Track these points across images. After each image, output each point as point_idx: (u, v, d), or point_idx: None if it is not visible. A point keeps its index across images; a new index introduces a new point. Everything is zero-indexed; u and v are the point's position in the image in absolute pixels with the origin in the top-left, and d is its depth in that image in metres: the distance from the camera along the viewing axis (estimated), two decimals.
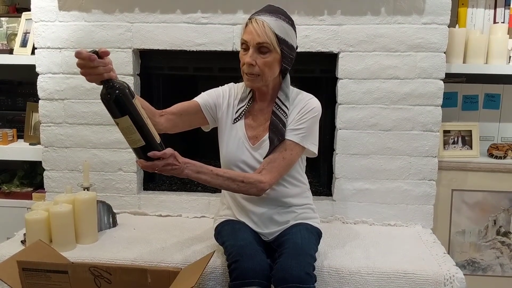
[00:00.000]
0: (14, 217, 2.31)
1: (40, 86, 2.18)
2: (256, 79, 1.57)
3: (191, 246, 1.86)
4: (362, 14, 2.04)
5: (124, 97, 1.29)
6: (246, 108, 1.68)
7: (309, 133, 1.63)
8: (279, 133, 1.61)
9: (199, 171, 1.50)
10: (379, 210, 2.17)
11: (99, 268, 1.38)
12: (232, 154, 1.67)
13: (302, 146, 1.63)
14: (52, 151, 2.23)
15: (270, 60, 1.55)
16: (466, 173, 2.25)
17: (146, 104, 1.55)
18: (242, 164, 1.66)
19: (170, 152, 1.40)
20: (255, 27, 1.52)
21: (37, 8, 2.12)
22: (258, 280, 1.45)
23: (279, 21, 1.54)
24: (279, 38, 1.53)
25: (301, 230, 1.64)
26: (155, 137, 1.36)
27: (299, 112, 1.64)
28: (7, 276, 1.44)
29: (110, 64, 1.33)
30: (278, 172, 1.61)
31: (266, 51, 1.53)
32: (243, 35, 1.56)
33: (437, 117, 2.09)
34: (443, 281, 1.67)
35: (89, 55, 1.29)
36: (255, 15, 1.55)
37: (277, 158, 1.60)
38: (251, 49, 1.54)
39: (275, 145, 1.61)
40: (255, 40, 1.52)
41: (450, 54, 2.17)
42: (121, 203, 2.24)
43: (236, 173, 1.61)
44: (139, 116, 1.31)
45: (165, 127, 1.64)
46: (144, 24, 2.10)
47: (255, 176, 1.58)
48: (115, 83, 1.31)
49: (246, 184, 1.56)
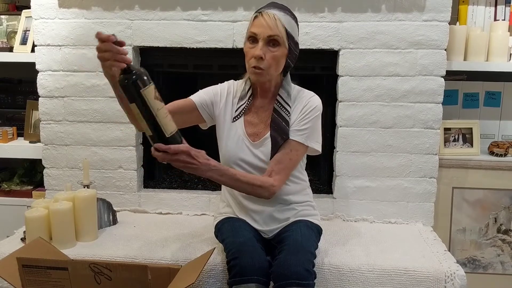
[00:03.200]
0: (14, 215, 2.30)
1: (40, 84, 2.17)
2: (263, 72, 1.55)
3: (191, 243, 1.85)
4: (363, 11, 2.03)
5: (132, 86, 1.29)
6: (246, 106, 1.67)
7: (312, 132, 1.64)
8: (282, 131, 1.61)
9: (223, 174, 1.52)
10: (380, 208, 2.17)
11: (99, 265, 1.37)
12: (231, 152, 1.66)
13: (307, 145, 1.63)
14: (52, 149, 2.22)
15: (279, 54, 1.54)
16: (467, 170, 2.25)
17: None
18: (242, 162, 1.65)
19: (181, 149, 1.38)
20: (267, 20, 1.50)
21: (37, 5, 2.12)
22: (256, 277, 1.45)
23: (287, 17, 1.54)
24: (288, 33, 1.53)
25: (301, 227, 1.64)
26: (165, 129, 1.34)
27: (301, 111, 1.63)
28: (7, 273, 1.44)
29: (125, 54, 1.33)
30: (285, 173, 1.62)
31: (276, 44, 1.52)
32: (252, 28, 1.54)
33: (437, 115, 2.08)
34: (444, 278, 1.67)
35: (108, 36, 1.30)
36: (264, 9, 1.54)
37: (284, 159, 1.60)
38: (260, 42, 1.52)
39: (279, 144, 1.60)
40: (266, 33, 1.51)
41: (450, 51, 2.17)
42: (121, 201, 2.24)
43: (254, 177, 1.59)
44: (146, 106, 1.31)
45: None
46: (144, 22, 2.10)
47: (270, 180, 1.58)
48: (131, 69, 1.31)
49: (263, 188, 1.57)
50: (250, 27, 1.56)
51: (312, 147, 1.65)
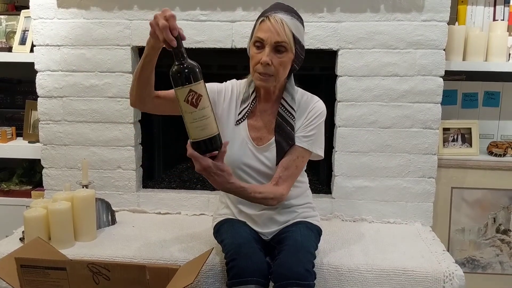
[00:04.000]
0: (13, 215, 2.30)
1: (39, 84, 2.17)
2: (269, 79, 1.52)
3: (190, 243, 1.86)
4: (362, 11, 2.03)
5: (173, 80, 1.31)
6: (249, 109, 1.63)
7: (317, 138, 1.63)
8: (287, 136, 1.59)
9: (239, 193, 1.51)
10: (379, 208, 2.17)
11: (98, 265, 1.37)
12: (235, 156, 1.61)
13: (311, 151, 1.62)
14: (51, 149, 2.22)
15: (286, 60, 1.51)
16: (466, 170, 2.25)
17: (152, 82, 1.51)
18: (246, 167, 1.63)
19: (199, 161, 1.36)
20: (274, 25, 1.46)
21: (36, 5, 2.12)
22: (255, 279, 1.45)
23: (294, 20, 1.50)
24: (295, 37, 1.50)
25: (301, 228, 1.63)
26: (189, 132, 1.33)
27: (306, 116, 1.61)
28: (5, 273, 1.44)
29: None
30: (292, 180, 1.61)
31: (283, 50, 1.49)
32: (258, 32, 1.50)
33: (436, 115, 2.08)
34: (443, 278, 1.67)
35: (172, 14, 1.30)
36: (271, 12, 1.49)
37: (291, 166, 1.59)
38: (267, 48, 1.48)
39: (285, 149, 1.59)
40: (273, 39, 1.47)
41: (449, 51, 2.17)
42: (120, 201, 2.24)
43: (267, 190, 1.55)
44: (179, 103, 1.31)
45: (151, 108, 1.60)
46: (143, 21, 2.10)
47: (279, 189, 1.56)
48: (184, 64, 1.32)
49: (274, 199, 1.56)
50: (256, 31, 1.51)
51: (316, 153, 1.64)
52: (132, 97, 1.54)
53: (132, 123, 2.18)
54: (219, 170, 1.39)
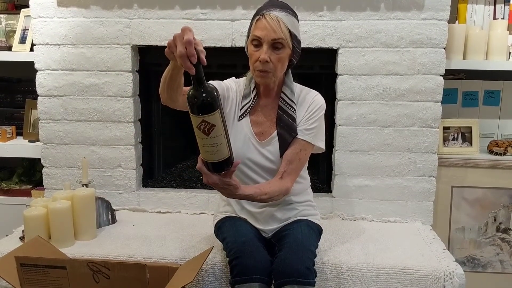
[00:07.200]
0: (13, 214, 2.31)
1: (38, 83, 2.17)
2: (269, 75, 1.55)
3: (190, 242, 1.85)
4: (362, 9, 2.03)
5: (188, 104, 1.25)
6: (251, 105, 1.65)
7: (319, 130, 1.65)
8: (289, 128, 1.61)
9: (248, 200, 1.58)
10: (379, 207, 2.16)
11: (98, 264, 1.37)
12: (238, 151, 1.61)
13: (313, 144, 1.64)
14: (51, 148, 2.22)
15: (284, 56, 1.54)
16: (466, 169, 2.25)
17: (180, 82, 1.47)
18: (250, 162, 1.64)
19: (210, 180, 1.36)
20: (270, 23, 1.48)
21: (36, 4, 2.12)
22: (259, 276, 1.45)
23: (289, 16, 1.52)
24: (292, 33, 1.52)
25: (301, 226, 1.64)
26: (201, 152, 1.31)
27: (307, 109, 1.63)
28: (5, 272, 1.44)
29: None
30: (296, 174, 1.63)
31: (280, 47, 1.51)
32: (255, 30, 1.52)
33: (436, 113, 2.08)
34: (443, 277, 1.67)
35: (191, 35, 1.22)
36: (266, 10, 1.51)
37: (295, 159, 1.60)
38: (265, 45, 1.50)
39: (288, 141, 1.60)
40: (270, 36, 1.49)
41: (450, 50, 2.17)
42: (120, 200, 2.24)
43: (275, 189, 1.55)
44: (192, 125, 1.27)
45: (182, 105, 1.54)
46: (142, 20, 2.09)
47: (285, 184, 1.58)
48: (201, 92, 1.24)
49: (280, 195, 1.57)
50: (253, 29, 1.53)
51: (318, 145, 1.66)
52: (163, 97, 1.52)
53: (132, 122, 2.18)
54: (226, 185, 1.39)
